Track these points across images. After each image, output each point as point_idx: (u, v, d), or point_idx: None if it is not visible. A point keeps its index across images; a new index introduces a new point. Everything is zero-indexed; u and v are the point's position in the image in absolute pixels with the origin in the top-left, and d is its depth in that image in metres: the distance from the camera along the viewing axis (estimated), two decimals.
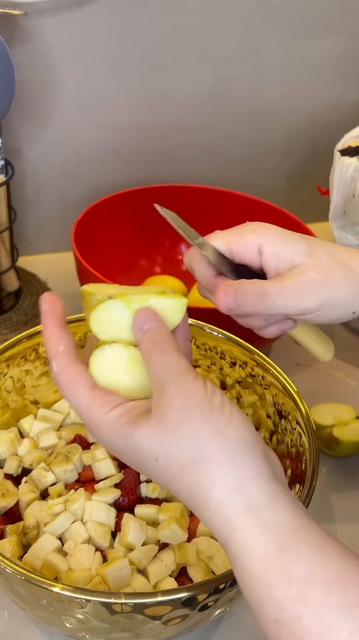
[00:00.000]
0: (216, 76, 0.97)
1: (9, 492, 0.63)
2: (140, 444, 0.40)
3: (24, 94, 0.88)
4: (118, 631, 0.50)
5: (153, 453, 0.40)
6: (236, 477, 0.39)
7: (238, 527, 0.38)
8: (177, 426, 0.40)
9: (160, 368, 0.42)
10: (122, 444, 0.41)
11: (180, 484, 0.40)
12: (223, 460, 0.39)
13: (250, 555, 0.38)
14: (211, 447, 0.39)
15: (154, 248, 0.99)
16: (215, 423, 0.40)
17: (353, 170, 0.82)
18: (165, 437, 0.40)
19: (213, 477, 0.39)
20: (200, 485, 0.39)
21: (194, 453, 0.39)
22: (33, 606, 0.51)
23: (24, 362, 0.67)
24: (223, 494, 0.39)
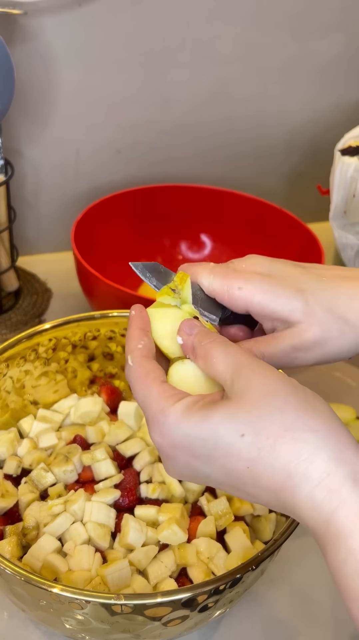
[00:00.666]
0: (216, 76, 0.97)
1: (9, 492, 0.63)
2: (220, 424, 0.38)
3: (24, 93, 0.88)
4: (118, 632, 0.50)
5: (237, 429, 0.38)
6: (337, 445, 0.37)
7: (345, 502, 0.36)
8: (263, 400, 0.38)
9: (229, 356, 0.41)
10: (193, 430, 0.39)
11: (272, 458, 0.37)
12: (321, 427, 0.38)
13: (357, 534, 0.35)
14: (304, 415, 0.38)
15: (154, 248, 0.99)
16: (302, 395, 0.39)
17: (354, 170, 0.82)
18: (251, 412, 0.38)
19: (313, 444, 0.37)
20: (300, 455, 0.37)
21: (288, 422, 0.37)
22: (33, 607, 0.51)
23: (24, 362, 0.67)
24: (327, 462, 0.37)
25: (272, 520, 0.61)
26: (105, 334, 0.70)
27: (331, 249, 0.94)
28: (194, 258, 1.00)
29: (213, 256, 1.00)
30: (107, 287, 0.76)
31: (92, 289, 0.82)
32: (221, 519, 0.60)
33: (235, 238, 0.98)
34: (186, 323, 0.45)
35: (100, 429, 0.67)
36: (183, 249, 1.00)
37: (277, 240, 0.95)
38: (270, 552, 0.51)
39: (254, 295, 0.47)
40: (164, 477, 0.62)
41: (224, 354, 0.41)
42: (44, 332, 0.67)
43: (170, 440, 0.40)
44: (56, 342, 0.69)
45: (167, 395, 0.41)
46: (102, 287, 0.77)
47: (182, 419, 0.39)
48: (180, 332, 0.45)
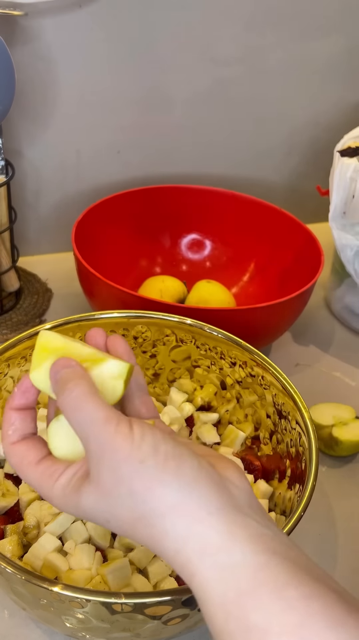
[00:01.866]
0: (216, 76, 0.97)
1: (9, 491, 0.63)
2: (89, 511, 0.41)
3: (24, 94, 0.88)
4: (118, 631, 0.50)
5: (103, 517, 0.40)
6: (185, 521, 0.38)
7: (195, 574, 0.37)
8: (113, 488, 0.39)
9: (80, 426, 0.40)
10: (75, 511, 0.42)
11: (136, 538, 0.40)
12: (166, 510, 0.38)
13: (210, 602, 0.37)
14: (151, 501, 0.38)
15: (154, 248, 0.99)
16: (148, 473, 0.38)
17: (353, 170, 0.82)
18: (107, 502, 0.40)
19: (161, 529, 0.38)
20: (154, 538, 0.39)
21: (137, 511, 0.39)
22: (33, 606, 0.51)
23: (24, 362, 0.67)
24: (177, 541, 0.38)
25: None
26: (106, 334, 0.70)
27: (330, 250, 0.94)
28: (194, 258, 1.00)
29: (213, 256, 1.00)
30: (108, 287, 0.76)
31: (93, 289, 0.82)
32: None
33: (235, 238, 0.98)
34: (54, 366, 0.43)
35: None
36: (183, 249, 1.00)
37: (277, 241, 0.95)
38: None
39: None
40: None
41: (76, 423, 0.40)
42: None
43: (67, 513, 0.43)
44: None
45: (45, 479, 0.43)
46: (103, 287, 0.77)
47: (62, 503, 0.42)
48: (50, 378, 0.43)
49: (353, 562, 0.66)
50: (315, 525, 0.68)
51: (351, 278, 0.89)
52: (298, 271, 0.88)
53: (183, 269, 1.00)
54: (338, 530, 0.69)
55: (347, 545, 0.67)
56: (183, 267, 1.00)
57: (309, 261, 0.87)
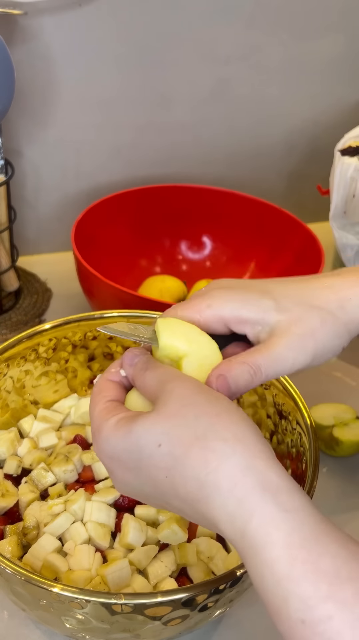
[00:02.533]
0: (216, 76, 0.97)
1: (9, 492, 0.63)
2: (140, 436, 0.39)
3: (24, 93, 0.88)
4: (118, 632, 0.50)
5: (155, 440, 0.39)
6: (246, 454, 0.37)
7: (255, 511, 0.36)
8: (180, 410, 0.39)
9: (156, 376, 0.42)
10: (119, 443, 0.40)
11: (185, 467, 0.38)
12: (230, 436, 0.38)
13: (271, 545, 0.35)
14: (217, 424, 0.38)
15: (154, 248, 0.99)
16: (221, 405, 0.40)
17: (353, 170, 0.82)
18: (168, 422, 0.39)
19: (223, 453, 0.37)
20: (210, 464, 0.37)
21: (200, 431, 0.38)
22: (33, 606, 0.51)
23: (24, 362, 0.67)
24: (236, 471, 0.37)
25: None
26: (105, 334, 0.70)
27: (331, 249, 0.94)
28: (194, 258, 1.00)
29: (213, 256, 1.00)
30: (107, 287, 0.76)
31: (92, 289, 0.82)
32: None
33: (235, 238, 0.98)
34: (128, 355, 0.45)
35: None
36: (184, 249, 1.00)
37: (277, 240, 0.95)
38: None
39: (223, 308, 0.46)
40: None
41: (152, 375, 0.43)
42: (44, 332, 0.67)
43: (106, 453, 0.42)
44: (56, 342, 0.69)
45: (106, 412, 0.43)
46: (102, 287, 0.77)
47: (111, 433, 0.41)
48: (123, 365, 0.46)
49: None
50: None
51: None
52: (298, 271, 0.88)
53: (183, 269, 1.00)
54: None
55: None
56: (183, 267, 1.00)
57: (310, 261, 0.87)
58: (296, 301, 0.46)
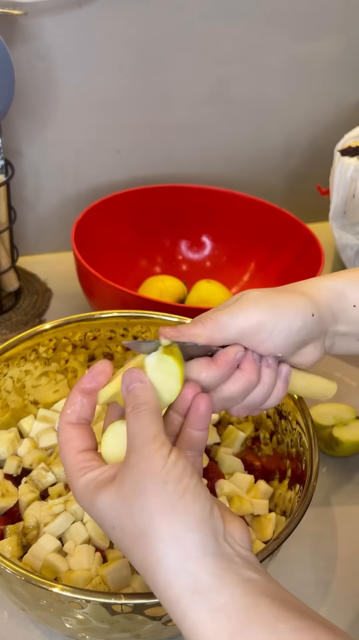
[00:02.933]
0: (216, 76, 0.97)
1: (9, 492, 0.63)
2: (101, 511, 0.42)
3: (24, 94, 0.88)
4: (118, 631, 0.50)
5: (111, 522, 0.41)
6: (180, 555, 0.39)
7: (187, 612, 0.38)
8: (130, 497, 0.40)
9: (131, 434, 0.43)
10: (89, 508, 0.43)
11: (132, 557, 0.41)
12: (168, 537, 0.39)
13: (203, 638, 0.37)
14: (158, 523, 0.39)
15: (154, 248, 0.99)
16: (166, 497, 0.40)
17: (353, 170, 0.82)
18: (120, 508, 0.41)
19: (158, 553, 0.39)
20: (149, 562, 0.39)
21: (142, 527, 0.40)
22: (33, 606, 0.51)
23: (24, 362, 0.67)
24: (169, 572, 0.39)
25: (272, 520, 0.61)
26: (105, 334, 0.70)
27: (331, 249, 0.94)
28: (194, 258, 1.00)
29: (213, 256, 1.00)
30: (107, 287, 0.76)
31: (92, 289, 0.82)
32: None
33: (235, 238, 0.98)
34: (127, 375, 0.45)
35: (100, 429, 0.67)
36: (183, 249, 1.00)
37: (277, 241, 0.95)
38: (269, 552, 0.51)
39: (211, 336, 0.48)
40: None
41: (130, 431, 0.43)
42: (44, 332, 0.67)
43: (81, 504, 0.44)
44: (56, 342, 0.69)
45: (77, 469, 0.44)
46: (102, 287, 0.77)
47: (80, 495, 0.43)
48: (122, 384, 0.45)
49: (353, 562, 0.66)
50: (315, 525, 0.68)
51: None
52: (298, 271, 0.88)
53: (183, 269, 1.00)
54: (338, 530, 0.69)
55: (347, 545, 0.67)
56: (183, 267, 1.00)
57: (310, 261, 0.87)
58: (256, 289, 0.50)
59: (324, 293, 0.50)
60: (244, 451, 0.69)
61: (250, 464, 0.67)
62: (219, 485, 0.63)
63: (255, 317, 0.48)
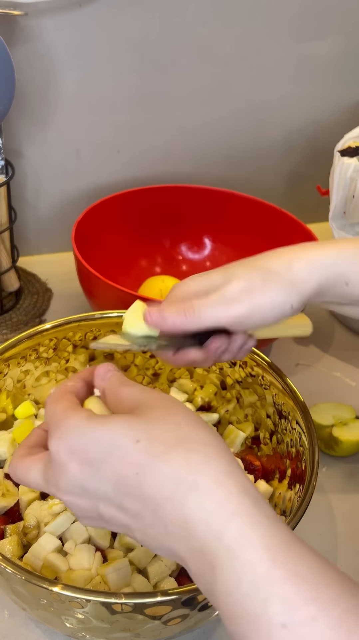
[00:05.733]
0: (216, 76, 0.97)
1: (9, 492, 0.63)
2: (117, 429, 0.39)
3: (24, 94, 0.88)
4: (118, 631, 0.50)
5: (134, 435, 0.38)
6: (227, 460, 0.39)
7: (236, 513, 0.36)
8: (163, 417, 0.40)
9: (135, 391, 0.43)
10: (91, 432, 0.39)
11: (163, 464, 0.38)
12: (213, 444, 0.39)
13: (252, 547, 0.35)
14: (198, 431, 0.40)
15: (154, 248, 0.99)
16: (197, 417, 0.41)
17: (353, 170, 0.82)
18: (149, 423, 0.39)
19: (204, 455, 0.38)
20: (191, 463, 0.37)
21: (182, 435, 0.39)
22: (33, 606, 0.51)
23: (24, 362, 0.67)
24: (217, 473, 0.37)
25: None
26: (105, 334, 0.70)
27: None
28: (194, 258, 1.00)
29: (213, 256, 1.00)
30: (107, 287, 0.76)
31: (93, 289, 0.82)
32: None
33: (235, 238, 0.98)
34: (101, 369, 0.46)
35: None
36: (183, 249, 1.00)
37: (277, 241, 0.95)
38: None
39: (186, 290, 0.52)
40: None
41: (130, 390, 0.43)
42: (45, 332, 0.67)
43: (67, 442, 0.40)
44: (57, 342, 0.69)
45: (73, 409, 0.42)
46: (102, 287, 0.77)
47: (82, 422, 0.40)
48: (96, 377, 0.46)
49: (353, 562, 0.66)
50: (315, 525, 0.68)
51: None
52: None
53: (183, 269, 1.00)
54: (338, 530, 0.69)
55: (347, 545, 0.67)
56: (183, 267, 1.00)
57: None
58: (245, 266, 0.52)
59: (320, 275, 0.51)
60: (244, 451, 0.70)
61: (250, 464, 0.67)
62: None
63: (233, 313, 0.50)
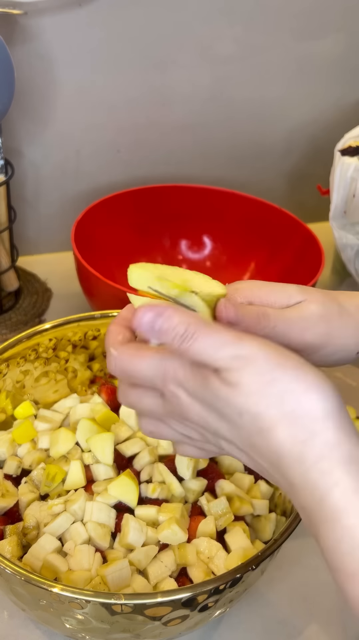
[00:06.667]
0: (216, 76, 0.97)
1: (9, 492, 0.63)
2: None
3: (24, 93, 0.88)
4: (118, 632, 0.50)
5: (239, 408, 0.39)
6: (336, 432, 0.38)
7: (339, 480, 0.37)
8: (261, 388, 0.39)
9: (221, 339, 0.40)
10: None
11: (268, 439, 0.39)
12: (320, 414, 0.39)
13: (354, 512, 0.37)
14: (306, 401, 0.39)
15: (154, 248, 0.99)
16: (310, 377, 0.40)
17: (353, 170, 0.82)
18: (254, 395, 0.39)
19: (310, 430, 0.38)
20: (296, 439, 0.38)
21: (288, 407, 0.39)
22: (33, 607, 0.51)
23: (24, 362, 0.67)
24: (322, 447, 0.38)
25: (272, 520, 0.61)
26: (105, 334, 0.70)
27: (331, 249, 0.94)
28: (194, 258, 1.00)
29: (213, 256, 1.00)
30: (107, 287, 0.76)
31: (92, 289, 0.82)
32: (221, 519, 0.60)
33: (235, 238, 0.98)
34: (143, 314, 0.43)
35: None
36: (183, 249, 1.00)
37: (277, 240, 0.95)
38: (270, 552, 0.51)
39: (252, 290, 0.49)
40: (164, 477, 0.62)
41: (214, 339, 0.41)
42: (44, 332, 0.67)
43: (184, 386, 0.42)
44: (56, 342, 0.69)
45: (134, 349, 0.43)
46: (102, 287, 0.77)
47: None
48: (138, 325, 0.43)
49: None
50: None
51: (352, 277, 0.89)
52: (298, 271, 0.88)
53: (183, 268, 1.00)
54: None
55: None
56: (183, 267, 1.00)
57: (310, 261, 0.87)
58: (321, 291, 0.50)
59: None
60: None
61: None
62: (219, 485, 0.63)
63: (308, 339, 0.48)
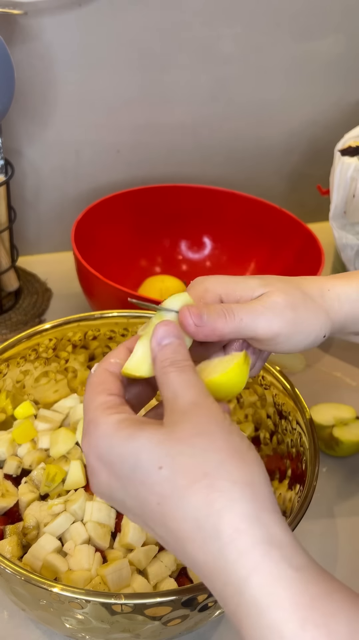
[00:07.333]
0: (216, 76, 0.97)
1: (9, 492, 0.63)
2: (142, 448, 0.36)
3: (24, 93, 0.88)
4: (118, 632, 0.50)
5: (157, 461, 0.36)
6: (256, 504, 0.34)
7: (259, 567, 0.33)
8: (191, 438, 0.36)
9: (179, 385, 0.39)
10: (117, 446, 0.37)
11: (184, 502, 0.35)
12: (241, 481, 0.35)
13: (278, 606, 0.32)
14: (228, 462, 0.35)
15: (154, 248, 0.99)
16: (234, 445, 0.36)
17: (354, 170, 0.82)
18: (175, 446, 0.36)
19: (229, 496, 0.34)
20: (213, 505, 0.34)
21: (209, 467, 0.35)
22: (33, 607, 0.51)
23: (24, 362, 0.67)
24: (240, 519, 0.34)
25: None
26: (105, 334, 0.70)
27: (331, 249, 0.94)
28: (194, 258, 1.00)
29: (213, 256, 1.00)
30: (107, 287, 0.76)
31: (92, 289, 0.82)
32: None
33: (235, 238, 0.98)
34: (162, 329, 0.43)
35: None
36: (183, 249, 1.00)
37: (277, 240, 0.95)
38: None
39: (217, 289, 0.48)
40: None
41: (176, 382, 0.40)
42: (44, 332, 0.67)
43: (96, 451, 0.38)
44: (56, 342, 0.69)
45: (106, 407, 0.40)
46: (102, 287, 0.77)
47: (110, 432, 0.38)
48: (153, 336, 0.43)
49: (353, 562, 0.66)
50: (315, 525, 0.68)
51: None
52: (298, 271, 0.88)
53: (183, 269, 1.00)
54: (338, 530, 0.69)
55: (347, 545, 0.67)
56: (183, 267, 1.00)
57: (310, 261, 0.87)
58: (282, 281, 0.49)
59: (347, 308, 0.50)
60: None
61: None
62: None
63: (275, 328, 0.47)
